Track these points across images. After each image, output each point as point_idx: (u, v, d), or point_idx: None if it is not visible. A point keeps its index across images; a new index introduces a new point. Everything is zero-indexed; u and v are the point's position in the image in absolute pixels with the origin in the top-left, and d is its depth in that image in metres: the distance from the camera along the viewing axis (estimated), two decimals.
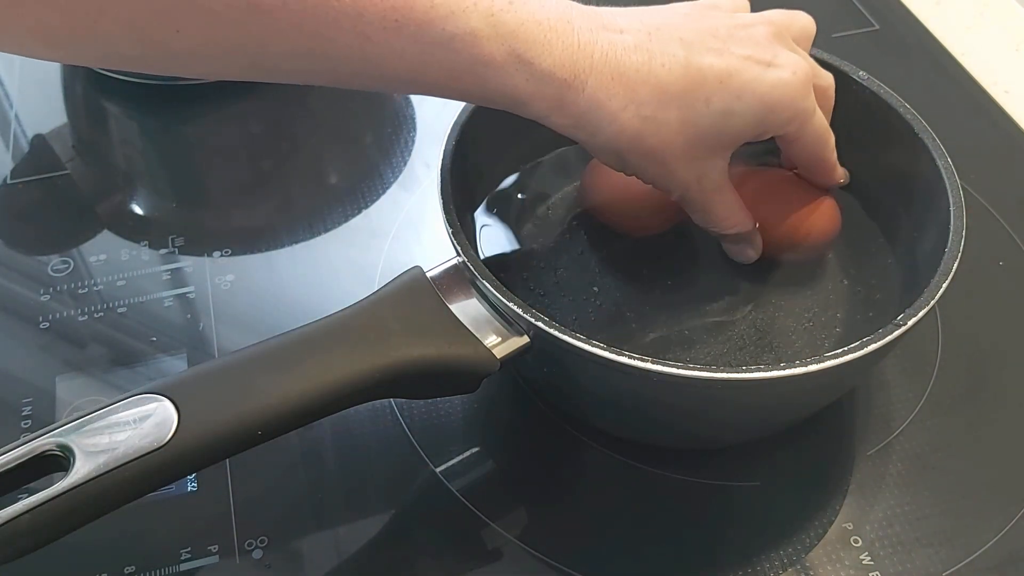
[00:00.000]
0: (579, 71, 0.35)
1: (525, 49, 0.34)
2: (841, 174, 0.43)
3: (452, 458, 0.42)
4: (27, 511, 0.29)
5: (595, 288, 0.44)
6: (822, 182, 0.43)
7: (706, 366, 0.34)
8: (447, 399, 0.44)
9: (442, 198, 0.39)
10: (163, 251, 0.51)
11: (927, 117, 0.42)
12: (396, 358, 0.34)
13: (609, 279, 0.44)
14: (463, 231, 0.38)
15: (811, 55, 0.44)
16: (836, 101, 0.42)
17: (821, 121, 0.40)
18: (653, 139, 0.37)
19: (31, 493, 0.29)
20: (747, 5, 0.41)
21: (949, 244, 0.37)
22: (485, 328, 0.36)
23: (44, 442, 0.31)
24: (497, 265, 0.44)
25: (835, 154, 0.42)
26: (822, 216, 0.44)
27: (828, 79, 0.42)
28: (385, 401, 0.43)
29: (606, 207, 0.45)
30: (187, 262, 0.50)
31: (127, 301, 0.48)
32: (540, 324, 0.35)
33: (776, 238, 0.43)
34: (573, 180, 0.47)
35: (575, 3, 0.36)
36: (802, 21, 0.42)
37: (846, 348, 0.34)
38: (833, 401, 0.42)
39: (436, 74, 0.34)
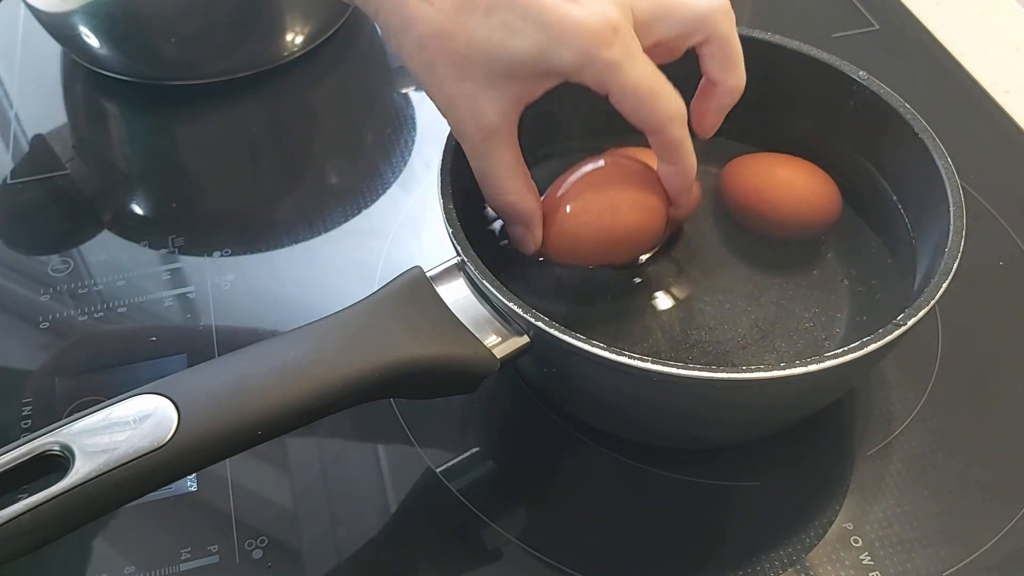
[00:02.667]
0: None
1: None
2: (683, 186, 0.39)
3: (452, 458, 0.42)
4: (27, 511, 0.29)
5: (595, 288, 0.44)
6: (662, 170, 0.39)
7: (706, 366, 0.34)
8: (447, 399, 0.44)
9: (442, 198, 0.39)
10: (163, 251, 0.51)
11: (927, 117, 0.42)
12: (396, 358, 0.34)
13: (609, 279, 0.44)
14: (463, 231, 0.38)
15: (812, 56, 0.44)
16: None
17: (639, 81, 0.35)
18: (423, 27, 0.35)
19: (31, 493, 0.29)
20: None
21: (949, 244, 0.37)
22: (485, 328, 0.36)
23: (44, 442, 0.30)
24: (497, 265, 0.44)
25: (679, 142, 0.37)
26: (822, 197, 0.44)
27: (710, 32, 0.37)
28: (385, 401, 0.43)
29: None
30: (187, 262, 0.50)
31: (127, 301, 0.48)
32: (540, 324, 0.35)
33: (777, 219, 0.44)
34: None
35: None
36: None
37: (846, 348, 0.34)
38: (833, 401, 0.42)
39: None
